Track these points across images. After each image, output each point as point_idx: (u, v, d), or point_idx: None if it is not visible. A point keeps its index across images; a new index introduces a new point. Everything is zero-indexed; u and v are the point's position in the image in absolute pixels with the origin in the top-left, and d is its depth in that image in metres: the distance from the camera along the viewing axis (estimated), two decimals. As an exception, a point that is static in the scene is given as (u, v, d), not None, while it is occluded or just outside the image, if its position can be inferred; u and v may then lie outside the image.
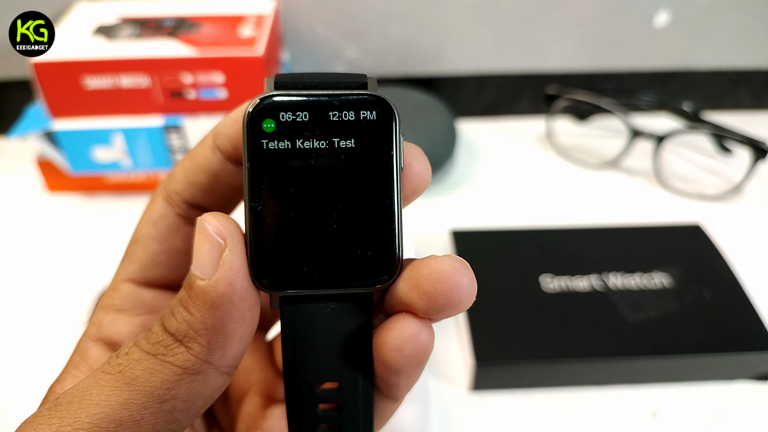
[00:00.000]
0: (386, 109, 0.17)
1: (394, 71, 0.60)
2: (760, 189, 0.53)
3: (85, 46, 0.45)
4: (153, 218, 0.21)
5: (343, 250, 0.18)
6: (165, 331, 0.17)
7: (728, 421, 0.35)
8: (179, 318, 0.16)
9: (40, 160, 0.49)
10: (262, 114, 0.17)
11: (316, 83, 0.18)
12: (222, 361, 0.17)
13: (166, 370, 0.16)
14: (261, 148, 0.17)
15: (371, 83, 0.18)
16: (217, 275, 0.16)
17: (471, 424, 0.35)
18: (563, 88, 0.58)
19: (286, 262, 0.17)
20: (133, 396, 0.16)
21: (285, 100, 0.17)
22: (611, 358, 0.36)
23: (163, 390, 0.16)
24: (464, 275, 0.17)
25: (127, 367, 0.16)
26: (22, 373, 0.37)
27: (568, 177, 0.55)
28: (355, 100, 0.17)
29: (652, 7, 0.57)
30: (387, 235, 0.18)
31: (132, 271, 0.21)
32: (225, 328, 0.16)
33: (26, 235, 0.47)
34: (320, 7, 0.55)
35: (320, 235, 0.17)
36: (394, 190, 0.18)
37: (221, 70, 0.45)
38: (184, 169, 0.20)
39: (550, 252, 0.42)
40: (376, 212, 0.18)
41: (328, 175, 0.17)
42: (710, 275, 0.41)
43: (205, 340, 0.16)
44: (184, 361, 0.16)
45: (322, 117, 0.17)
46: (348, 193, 0.17)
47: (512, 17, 0.57)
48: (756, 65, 0.62)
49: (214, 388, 0.17)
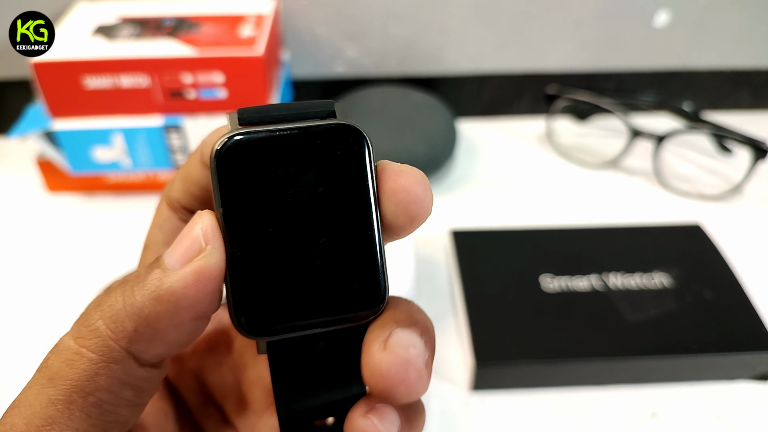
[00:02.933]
0: (358, 136, 0.17)
1: (394, 71, 0.60)
2: (760, 189, 0.53)
3: (85, 46, 0.45)
4: (159, 223, 0.21)
5: (328, 288, 0.17)
6: (96, 307, 0.16)
7: (728, 421, 0.35)
8: (119, 294, 0.16)
9: (40, 160, 0.49)
10: (229, 155, 0.16)
11: (282, 116, 0.17)
12: (143, 356, 0.16)
13: (83, 360, 0.16)
14: (232, 190, 0.16)
15: (340, 111, 0.17)
16: (180, 272, 0.15)
17: (471, 424, 0.35)
18: (563, 88, 0.58)
19: (269, 306, 0.17)
20: (57, 392, 0.15)
21: (252, 137, 0.16)
22: (611, 358, 0.36)
23: (83, 382, 0.15)
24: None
25: (51, 360, 0.16)
26: (22, 373, 0.37)
27: (568, 177, 0.55)
28: (325, 131, 0.16)
29: (652, 7, 0.57)
30: (370, 267, 0.17)
31: None
32: (158, 326, 0.16)
33: (26, 235, 0.47)
34: (320, 7, 0.55)
35: (303, 274, 0.17)
36: (374, 220, 0.17)
37: (221, 70, 0.45)
38: (181, 178, 0.20)
39: (550, 252, 0.42)
40: (357, 245, 0.17)
41: (305, 211, 0.16)
42: (710, 275, 0.41)
43: (132, 326, 0.16)
44: (101, 347, 0.16)
45: (292, 151, 0.16)
46: (327, 228, 0.17)
47: (512, 17, 0.57)
48: (756, 65, 0.62)
49: (140, 378, 0.16)
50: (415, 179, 0.17)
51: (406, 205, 0.17)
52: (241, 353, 0.23)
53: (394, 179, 0.17)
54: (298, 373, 0.18)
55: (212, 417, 0.22)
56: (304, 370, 0.18)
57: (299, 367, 0.18)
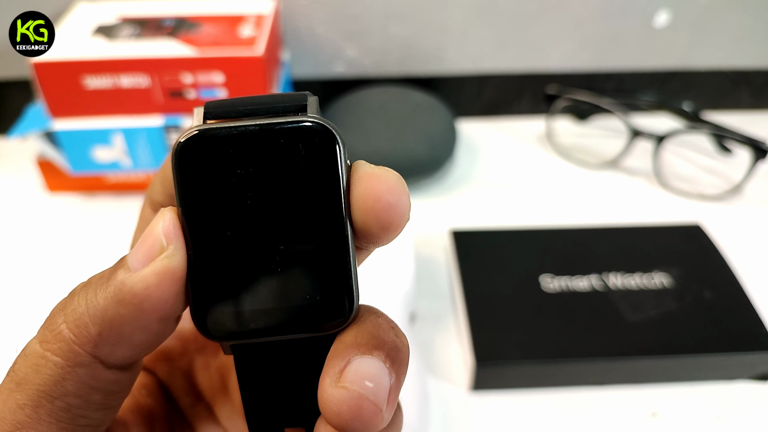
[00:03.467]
0: (327, 135, 0.15)
1: (394, 71, 0.60)
2: (760, 189, 0.53)
3: (85, 46, 0.45)
4: (143, 225, 0.21)
5: (291, 295, 0.16)
6: (60, 310, 0.16)
7: (728, 421, 0.35)
8: (82, 297, 0.16)
9: (40, 160, 0.49)
10: (191, 150, 0.15)
11: (250, 110, 0.16)
12: (110, 359, 0.16)
13: (49, 365, 0.15)
14: (192, 188, 0.15)
15: (311, 105, 0.16)
16: (141, 273, 0.15)
17: (471, 424, 0.35)
18: (563, 88, 0.58)
19: (230, 310, 0.16)
20: (24, 397, 0.15)
21: (215, 133, 0.15)
22: (611, 358, 0.36)
23: (50, 387, 0.15)
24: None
25: (18, 365, 0.16)
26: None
27: (568, 177, 0.55)
28: (292, 128, 0.15)
29: (652, 7, 0.57)
30: (338, 275, 0.16)
31: None
32: (122, 328, 0.15)
33: (26, 235, 0.47)
34: (320, 7, 0.55)
35: (264, 280, 0.16)
36: (344, 225, 0.16)
37: (221, 70, 0.45)
38: (161, 180, 0.20)
39: (550, 252, 0.42)
40: (325, 250, 0.16)
41: (269, 213, 0.15)
42: (710, 275, 0.41)
43: (96, 330, 0.15)
44: (66, 352, 0.15)
45: (257, 149, 0.15)
46: (292, 232, 0.16)
47: (512, 17, 0.57)
48: (756, 65, 0.62)
49: (108, 381, 0.16)
50: (388, 185, 0.15)
51: (377, 212, 0.15)
52: None
53: (365, 184, 0.15)
54: (264, 377, 0.17)
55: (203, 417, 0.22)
56: (270, 376, 0.17)
57: (265, 372, 0.17)
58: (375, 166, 0.16)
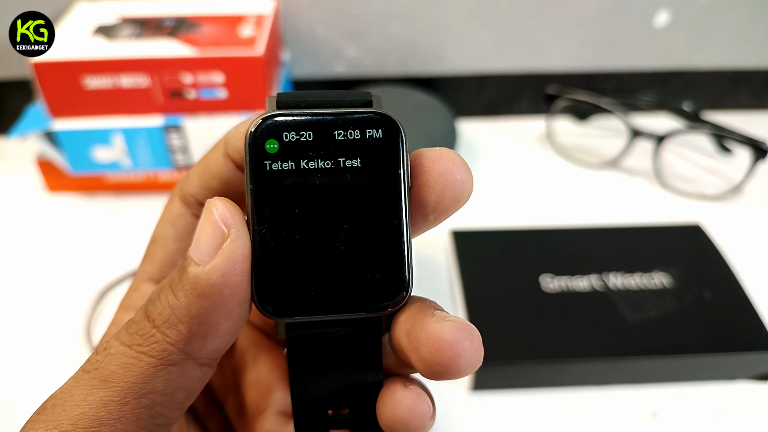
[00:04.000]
0: (392, 126, 0.17)
1: (394, 71, 0.60)
2: (760, 189, 0.53)
3: (85, 46, 0.45)
4: (171, 218, 0.21)
5: (351, 274, 0.17)
6: (146, 317, 0.16)
7: (728, 421, 0.35)
8: (164, 302, 0.16)
9: (40, 160, 0.49)
10: (265, 134, 0.16)
11: (319, 102, 0.17)
12: (201, 353, 0.16)
13: (141, 363, 0.16)
14: (264, 169, 0.16)
15: (376, 101, 0.18)
16: (212, 263, 0.15)
17: (471, 424, 0.35)
18: (563, 88, 0.58)
19: (291, 287, 0.17)
20: (110, 393, 0.16)
21: (288, 119, 0.16)
22: (611, 358, 0.36)
23: (139, 384, 0.16)
24: (467, 344, 0.16)
25: (103, 364, 0.16)
26: (23, 373, 0.37)
27: (568, 177, 0.55)
28: (360, 119, 0.17)
29: (652, 7, 0.57)
30: (396, 257, 0.17)
31: (152, 271, 0.21)
32: (209, 320, 0.16)
33: (26, 235, 0.47)
34: (320, 7, 0.55)
35: (327, 258, 0.17)
36: (403, 210, 0.17)
37: (221, 70, 0.45)
38: (198, 173, 0.20)
39: (550, 252, 0.42)
40: (384, 234, 0.17)
41: (334, 196, 0.17)
42: (710, 275, 0.41)
43: (186, 327, 0.16)
44: (159, 352, 0.16)
45: (326, 136, 0.16)
46: (355, 215, 0.17)
47: (512, 17, 0.57)
48: (756, 65, 0.62)
49: (194, 380, 0.17)
50: (459, 160, 0.17)
51: (453, 186, 0.17)
52: (242, 354, 0.23)
53: (440, 162, 0.17)
54: (314, 358, 0.18)
55: (215, 417, 0.22)
56: (321, 356, 0.18)
57: (316, 352, 0.18)
58: (440, 148, 0.17)
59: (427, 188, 0.17)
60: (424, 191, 0.17)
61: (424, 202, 0.17)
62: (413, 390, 0.18)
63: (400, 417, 0.17)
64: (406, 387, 0.18)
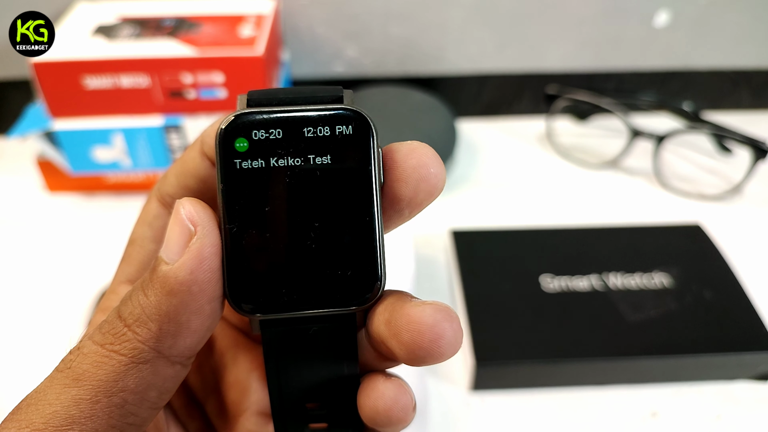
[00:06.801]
0: (363, 122, 0.17)
1: (394, 71, 0.60)
2: (760, 189, 0.53)
3: (85, 46, 0.45)
4: (148, 219, 0.21)
5: (323, 271, 0.17)
6: (118, 317, 0.16)
7: (728, 421, 0.35)
8: (135, 301, 0.16)
9: (40, 160, 0.49)
10: (234, 133, 0.16)
11: (290, 99, 0.17)
12: (172, 351, 0.16)
13: (112, 362, 0.16)
14: (234, 167, 0.16)
15: (347, 97, 0.18)
16: (180, 261, 0.16)
17: (471, 424, 0.35)
18: (563, 88, 0.58)
19: (263, 284, 0.17)
20: (82, 392, 0.16)
21: (257, 117, 0.16)
22: (611, 358, 0.36)
23: (111, 383, 0.16)
24: (447, 326, 0.16)
25: (76, 363, 0.16)
26: (22, 373, 0.37)
27: (568, 177, 0.55)
28: (329, 115, 0.17)
29: (652, 7, 0.57)
30: (368, 253, 0.17)
31: (129, 273, 0.21)
32: (179, 317, 0.16)
33: (26, 235, 0.47)
34: (320, 7, 0.55)
35: (298, 255, 0.17)
36: (374, 207, 0.17)
37: (221, 70, 0.45)
38: (176, 173, 0.20)
39: (550, 252, 0.42)
40: (355, 230, 0.17)
41: (305, 193, 0.17)
42: (710, 275, 0.41)
43: (156, 326, 0.16)
44: (130, 350, 0.16)
45: (296, 134, 0.17)
46: (326, 212, 0.17)
47: (512, 17, 0.57)
48: (756, 65, 0.62)
49: (166, 378, 0.17)
50: (431, 154, 0.17)
51: (427, 179, 0.17)
52: (221, 354, 0.23)
53: (413, 156, 0.17)
54: (289, 353, 0.18)
55: (195, 418, 0.22)
56: (296, 352, 0.18)
57: (291, 348, 0.18)
58: (412, 141, 0.17)
59: (401, 182, 0.17)
60: (398, 186, 0.17)
61: (399, 197, 0.17)
62: (395, 381, 0.18)
63: (383, 408, 0.18)
64: (387, 379, 0.18)
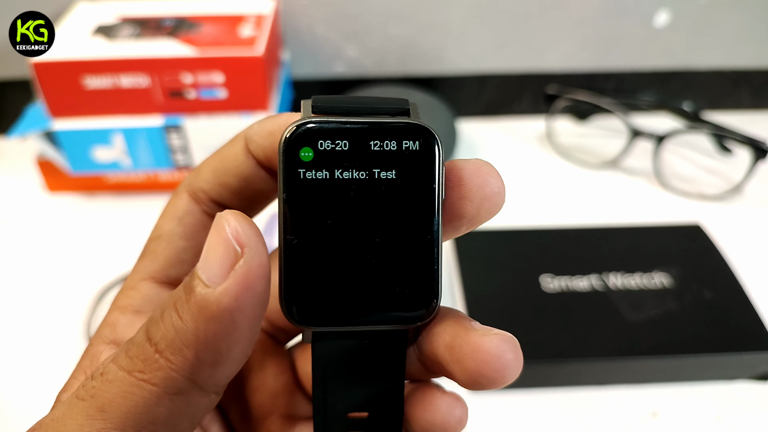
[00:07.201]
0: (430, 138, 0.16)
1: (394, 71, 0.60)
2: (760, 189, 0.53)
3: (85, 46, 0.45)
4: (178, 214, 0.20)
5: (381, 287, 0.17)
6: (147, 340, 0.15)
7: (728, 421, 0.35)
8: (167, 323, 0.15)
9: (40, 160, 0.49)
10: (300, 142, 0.16)
11: (355, 108, 0.17)
12: (209, 381, 0.15)
13: (143, 392, 0.14)
14: (298, 177, 0.16)
15: (413, 110, 0.17)
16: (224, 286, 0.14)
17: (471, 424, 0.35)
18: (563, 88, 0.58)
19: (320, 297, 0.17)
20: (108, 425, 0.14)
21: (324, 127, 0.16)
22: (611, 358, 0.36)
23: (140, 415, 0.14)
24: (512, 357, 0.16)
25: (100, 390, 0.15)
26: (23, 373, 0.37)
27: (568, 177, 0.55)
28: (397, 129, 0.16)
29: (652, 7, 0.57)
30: (427, 272, 0.17)
31: (154, 270, 0.20)
32: (219, 346, 0.14)
33: (26, 235, 0.47)
34: (320, 6, 0.55)
35: (357, 270, 0.17)
36: (436, 225, 0.17)
37: (221, 70, 0.45)
38: (212, 169, 0.19)
39: (550, 252, 0.42)
40: (416, 248, 0.17)
41: (368, 207, 0.16)
42: (710, 275, 0.41)
43: (192, 353, 0.14)
44: (163, 379, 0.14)
45: (362, 146, 0.16)
46: (387, 227, 0.16)
47: (512, 17, 0.57)
48: (756, 65, 0.62)
49: (199, 408, 0.15)
50: (495, 173, 0.17)
51: (491, 198, 0.17)
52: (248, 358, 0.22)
53: (479, 175, 0.17)
54: (338, 366, 0.18)
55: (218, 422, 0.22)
56: (345, 365, 0.18)
57: (341, 361, 0.18)
58: (477, 159, 0.17)
59: (466, 201, 0.17)
60: (461, 203, 0.17)
61: (461, 214, 0.17)
62: (451, 395, 0.18)
63: (440, 421, 0.18)
64: (444, 393, 0.18)
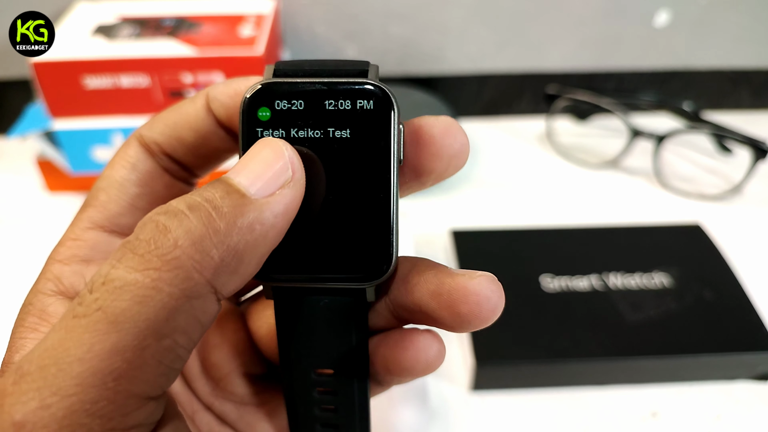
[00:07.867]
0: (384, 98, 0.17)
1: (394, 71, 0.60)
2: (760, 189, 0.53)
3: (85, 46, 0.45)
4: (131, 162, 0.19)
5: (336, 244, 0.17)
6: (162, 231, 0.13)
7: (728, 421, 0.35)
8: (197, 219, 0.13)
9: (40, 160, 0.49)
10: (258, 101, 0.17)
11: (315, 71, 0.17)
12: (224, 288, 0.14)
13: (161, 296, 0.13)
14: (256, 136, 0.17)
15: (372, 71, 0.17)
16: (272, 199, 0.15)
17: (471, 424, 0.35)
18: (563, 87, 0.58)
19: (278, 252, 0.16)
20: (124, 337, 0.12)
21: (280, 88, 0.17)
22: (611, 358, 0.36)
23: (160, 322, 0.13)
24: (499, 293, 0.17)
25: (107, 301, 0.13)
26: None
27: (568, 177, 0.55)
28: (351, 89, 0.17)
29: (652, 7, 0.57)
30: (381, 231, 0.17)
31: (102, 218, 0.19)
32: (243, 256, 0.14)
33: (26, 234, 0.47)
34: (320, 6, 0.55)
35: (312, 227, 0.17)
36: (391, 184, 0.17)
37: (221, 70, 0.45)
38: (170, 123, 0.19)
39: (550, 252, 0.42)
40: (371, 206, 0.17)
41: (324, 164, 0.17)
42: (710, 275, 0.41)
43: (219, 255, 0.14)
44: (184, 280, 0.13)
45: (317, 106, 0.17)
46: (342, 186, 0.17)
47: (512, 17, 0.57)
48: (756, 65, 0.62)
49: (211, 316, 0.14)
50: (461, 130, 0.17)
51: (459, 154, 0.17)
52: None
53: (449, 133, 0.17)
54: (300, 321, 0.19)
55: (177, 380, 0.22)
56: (307, 321, 0.19)
57: (302, 317, 0.19)
58: (445, 117, 0.18)
59: (436, 158, 0.17)
60: (432, 160, 0.17)
61: (430, 170, 0.17)
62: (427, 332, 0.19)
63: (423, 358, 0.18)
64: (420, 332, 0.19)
